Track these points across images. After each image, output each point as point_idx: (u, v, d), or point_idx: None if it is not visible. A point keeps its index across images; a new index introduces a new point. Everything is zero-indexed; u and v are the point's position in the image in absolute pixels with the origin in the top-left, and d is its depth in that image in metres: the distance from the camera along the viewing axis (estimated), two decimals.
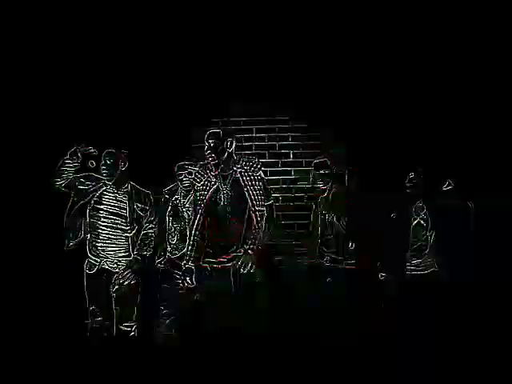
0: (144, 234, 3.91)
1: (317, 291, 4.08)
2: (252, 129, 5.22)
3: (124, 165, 3.83)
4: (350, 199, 4.07)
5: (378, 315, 3.85)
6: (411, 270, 3.98)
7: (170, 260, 4.18)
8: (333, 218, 4.08)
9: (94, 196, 3.78)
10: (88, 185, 3.79)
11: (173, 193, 4.25)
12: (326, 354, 3.34)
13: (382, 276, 4.02)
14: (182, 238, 4.07)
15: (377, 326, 3.77)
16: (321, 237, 4.16)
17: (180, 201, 4.17)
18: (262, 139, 5.24)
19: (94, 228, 3.80)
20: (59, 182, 3.75)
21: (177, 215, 4.16)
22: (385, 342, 3.57)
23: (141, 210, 3.87)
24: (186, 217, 4.08)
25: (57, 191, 3.77)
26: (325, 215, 4.14)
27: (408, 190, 4.03)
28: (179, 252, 4.10)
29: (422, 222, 3.98)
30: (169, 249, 4.19)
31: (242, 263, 3.41)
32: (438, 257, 3.96)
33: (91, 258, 3.82)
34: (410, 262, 3.98)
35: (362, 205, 3.99)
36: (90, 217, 3.79)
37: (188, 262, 3.56)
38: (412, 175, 4.03)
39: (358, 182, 4.12)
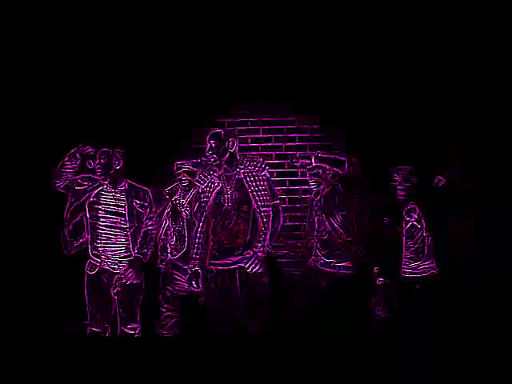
0: (144, 232, 3.90)
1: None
2: (259, 129, 5.23)
3: (118, 163, 3.83)
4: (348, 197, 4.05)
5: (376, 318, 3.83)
6: (410, 274, 3.85)
7: (170, 261, 4.16)
8: (326, 217, 4.06)
9: (89, 196, 3.80)
10: (84, 185, 3.82)
11: (173, 193, 4.24)
12: (326, 354, 3.31)
13: (379, 281, 3.92)
14: (181, 239, 4.08)
15: (376, 327, 3.76)
16: (316, 237, 4.12)
17: (179, 200, 4.17)
18: (268, 140, 5.23)
19: (93, 228, 3.81)
20: (58, 184, 3.80)
21: (175, 215, 4.16)
22: (384, 344, 3.53)
23: (140, 207, 3.87)
24: (185, 216, 4.08)
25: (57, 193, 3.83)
26: (319, 215, 4.11)
27: (401, 195, 3.92)
28: (178, 253, 4.10)
29: (415, 223, 3.86)
30: (169, 250, 4.16)
31: (250, 264, 3.41)
32: (438, 259, 3.86)
33: (92, 259, 3.83)
34: (408, 265, 3.85)
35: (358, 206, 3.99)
36: (90, 217, 3.81)
37: (194, 265, 3.56)
38: (399, 177, 3.90)
39: (358, 171, 4.04)
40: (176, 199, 4.17)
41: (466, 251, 3.83)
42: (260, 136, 5.23)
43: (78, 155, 3.81)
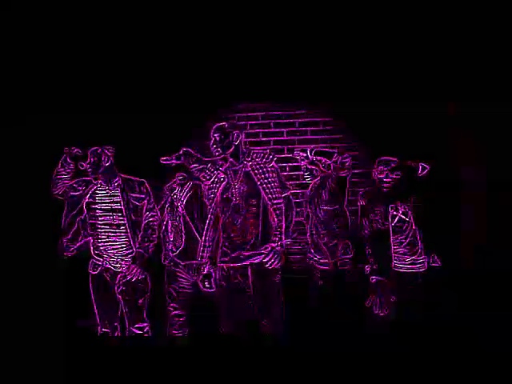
0: (145, 224, 3.86)
1: None
2: (269, 123, 5.17)
3: (108, 160, 3.80)
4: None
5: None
6: (407, 269, 3.78)
7: (172, 259, 4.07)
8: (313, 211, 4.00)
9: (85, 199, 3.80)
10: (79, 190, 3.82)
11: (173, 189, 4.16)
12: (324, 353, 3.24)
13: (373, 279, 3.83)
14: (179, 234, 4.00)
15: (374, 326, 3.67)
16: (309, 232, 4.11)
17: (176, 195, 4.10)
18: (280, 134, 5.16)
19: (94, 228, 3.81)
20: (56, 191, 3.83)
21: (173, 210, 4.09)
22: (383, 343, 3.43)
23: (136, 200, 3.84)
24: (181, 211, 4.01)
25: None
26: (311, 209, 4.06)
27: (387, 188, 3.82)
28: (177, 249, 4.01)
29: (403, 216, 3.76)
30: (169, 247, 4.08)
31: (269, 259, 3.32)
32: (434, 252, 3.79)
33: (94, 259, 3.83)
34: (405, 261, 3.78)
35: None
36: (89, 218, 3.81)
37: (206, 265, 3.48)
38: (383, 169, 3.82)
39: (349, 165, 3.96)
40: (174, 194, 4.10)
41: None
42: (272, 130, 5.18)
43: (68, 159, 3.84)
